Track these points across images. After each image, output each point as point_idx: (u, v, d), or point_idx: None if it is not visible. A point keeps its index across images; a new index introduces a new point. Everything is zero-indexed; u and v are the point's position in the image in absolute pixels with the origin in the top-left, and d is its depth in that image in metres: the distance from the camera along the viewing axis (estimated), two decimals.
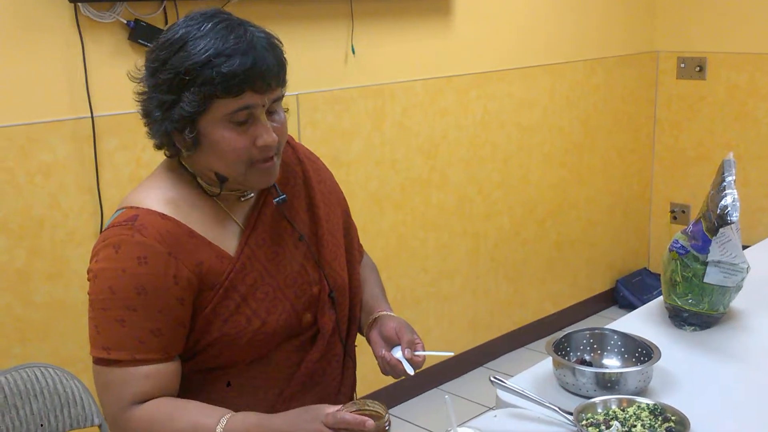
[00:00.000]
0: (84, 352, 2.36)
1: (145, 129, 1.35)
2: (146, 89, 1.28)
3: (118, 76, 2.33)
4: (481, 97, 3.35)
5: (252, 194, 1.40)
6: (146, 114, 1.29)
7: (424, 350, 1.43)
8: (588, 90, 3.81)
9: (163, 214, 1.28)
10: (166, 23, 2.39)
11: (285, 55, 1.31)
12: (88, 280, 1.30)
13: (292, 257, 1.40)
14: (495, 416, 1.53)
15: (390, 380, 3.19)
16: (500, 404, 1.56)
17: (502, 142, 3.47)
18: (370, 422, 1.17)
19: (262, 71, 1.23)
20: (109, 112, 2.33)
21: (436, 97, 3.18)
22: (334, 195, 1.55)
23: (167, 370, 1.28)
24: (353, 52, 2.87)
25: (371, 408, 1.24)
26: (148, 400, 1.27)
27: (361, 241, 1.67)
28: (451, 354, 1.51)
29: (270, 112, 1.30)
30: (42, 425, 1.76)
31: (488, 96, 3.37)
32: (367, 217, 3.02)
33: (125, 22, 2.30)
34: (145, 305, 1.25)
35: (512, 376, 1.64)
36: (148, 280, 1.24)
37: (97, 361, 1.28)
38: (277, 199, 1.40)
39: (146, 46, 2.34)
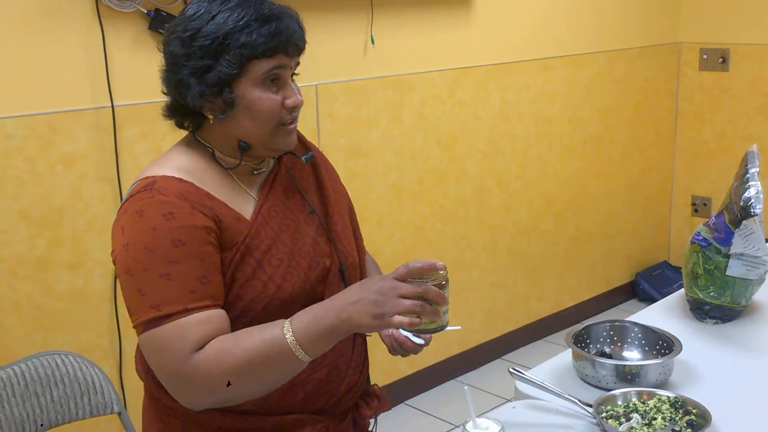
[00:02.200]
0: (104, 340, 2.39)
1: (166, 106, 1.39)
2: (174, 59, 1.32)
3: (138, 65, 2.34)
4: (500, 89, 3.33)
5: (264, 169, 1.44)
6: (177, 83, 1.33)
7: None
8: (608, 81, 3.78)
9: (180, 179, 1.32)
10: None
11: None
12: (116, 257, 1.29)
13: (304, 230, 1.43)
14: (514, 407, 1.52)
15: (408, 371, 3.20)
16: (519, 396, 1.56)
17: (520, 134, 3.45)
18: (440, 263, 1.23)
19: (294, 35, 1.34)
20: (129, 101, 2.34)
21: (455, 88, 3.17)
22: (341, 189, 1.59)
23: (220, 316, 1.28)
24: (372, 43, 2.86)
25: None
26: (206, 340, 1.26)
27: (378, 233, 1.68)
28: (458, 328, 1.52)
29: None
30: (42, 425, 1.77)
31: (507, 87, 3.35)
32: (385, 209, 3.02)
33: (145, 11, 2.31)
34: (185, 255, 1.26)
35: (531, 368, 1.63)
36: (182, 232, 1.26)
37: (147, 325, 1.25)
38: (306, 156, 1.46)
39: None
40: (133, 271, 1.26)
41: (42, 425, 1.77)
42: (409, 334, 1.44)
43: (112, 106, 2.30)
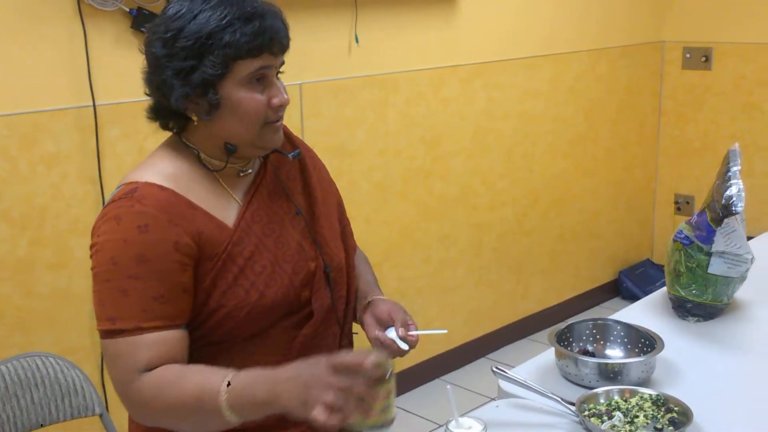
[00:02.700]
0: (86, 341, 2.37)
1: (150, 108, 1.37)
2: (156, 61, 1.30)
3: (120, 64, 2.33)
4: (485, 87, 3.33)
5: (250, 170, 1.42)
6: (160, 85, 1.31)
7: (417, 330, 1.46)
8: (592, 80, 3.80)
9: (162, 186, 1.31)
10: None
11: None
12: (91, 256, 1.31)
13: (289, 234, 1.42)
14: (497, 406, 1.52)
15: (396, 370, 3.19)
16: (502, 395, 1.56)
17: (505, 132, 3.46)
18: (369, 360, 1.12)
19: (278, 34, 1.32)
20: (111, 100, 2.33)
21: (440, 86, 3.17)
22: (329, 185, 1.57)
23: (173, 337, 1.28)
24: (357, 42, 2.86)
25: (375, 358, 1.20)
26: (156, 368, 1.27)
27: (364, 231, 1.68)
28: (445, 331, 1.53)
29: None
30: (42, 425, 1.76)
31: (492, 86, 3.36)
32: (371, 207, 3.01)
33: (128, 10, 2.29)
34: (147, 273, 1.26)
35: (514, 367, 1.63)
36: (149, 248, 1.26)
37: (104, 334, 1.28)
38: (293, 153, 1.44)
39: None
40: (97, 278, 1.29)
41: (35, 425, 1.75)
42: (396, 338, 1.43)
43: (94, 106, 2.29)
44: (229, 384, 1.20)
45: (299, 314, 1.42)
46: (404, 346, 1.43)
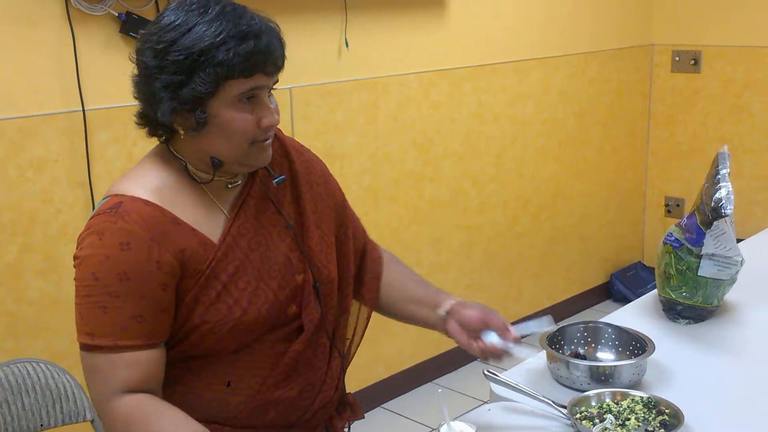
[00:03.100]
0: (76, 347, 2.35)
1: (139, 114, 1.35)
2: (146, 71, 1.27)
3: (109, 69, 2.32)
4: (475, 91, 3.34)
5: (239, 182, 1.40)
6: (149, 96, 1.28)
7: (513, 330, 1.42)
8: (582, 83, 3.81)
9: (147, 201, 1.29)
10: None
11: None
12: (74, 267, 1.31)
13: (276, 247, 1.40)
14: (489, 410, 1.53)
15: (384, 374, 3.19)
16: (494, 398, 1.56)
17: (496, 136, 3.47)
18: None
19: (273, 54, 1.28)
20: (100, 105, 2.32)
21: (430, 90, 3.17)
22: (325, 187, 1.53)
23: (151, 357, 1.29)
24: (347, 46, 2.86)
25: None
26: (132, 389, 1.27)
27: None
28: (553, 328, 1.47)
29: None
30: (42, 425, 1.75)
31: (482, 89, 3.36)
32: (361, 211, 2.99)
33: (116, 14, 2.29)
34: (127, 291, 1.25)
35: (506, 370, 1.63)
36: (131, 266, 1.25)
37: (82, 347, 1.30)
38: (277, 179, 1.40)
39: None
40: (78, 291, 1.29)
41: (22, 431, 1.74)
42: (504, 344, 1.38)
43: (83, 110, 2.28)
44: None
45: (287, 328, 1.40)
46: (521, 354, 1.39)
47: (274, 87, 1.34)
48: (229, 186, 1.39)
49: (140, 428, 1.25)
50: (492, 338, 1.41)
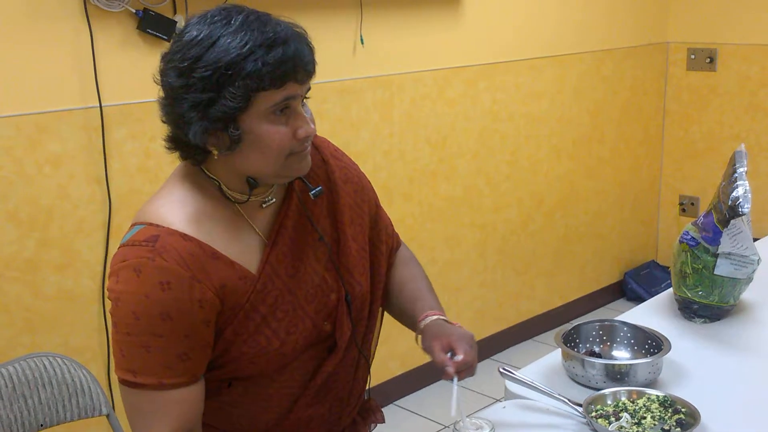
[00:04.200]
0: (93, 341, 2.38)
1: (168, 138, 1.29)
2: (172, 92, 1.21)
3: (126, 65, 2.33)
4: (490, 88, 3.33)
5: (273, 200, 1.35)
6: (177, 118, 1.22)
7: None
8: (596, 81, 3.80)
9: (185, 234, 1.23)
10: (175, 13, 2.38)
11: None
12: (110, 299, 1.25)
13: (312, 268, 1.35)
14: (504, 407, 1.53)
15: (397, 371, 3.20)
16: (509, 396, 1.56)
17: (510, 134, 3.46)
18: None
19: (303, 60, 1.22)
20: (117, 101, 2.33)
21: (445, 87, 3.17)
22: (361, 193, 1.48)
23: (194, 393, 1.25)
24: (362, 43, 2.86)
25: None
26: (177, 428, 1.24)
27: None
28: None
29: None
30: (42, 425, 1.76)
31: (496, 87, 3.36)
32: None
33: (134, 11, 2.30)
34: (170, 331, 1.21)
35: (520, 368, 1.63)
36: (173, 306, 1.20)
37: (124, 383, 1.25)
38: (314, 191, 1.33)
39: (155, 35, 2.33)
40: (118, 328, 1.24)
41: (36, 425, 1.76)
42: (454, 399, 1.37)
43: (101, 107, 2.29)
44: None
45: (318, 347, 1.38)
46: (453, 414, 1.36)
47: (306, 96, 1.28)
48: (264, 206, 1.33)
49: None
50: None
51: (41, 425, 1.77)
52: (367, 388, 1.54)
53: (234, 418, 1.36)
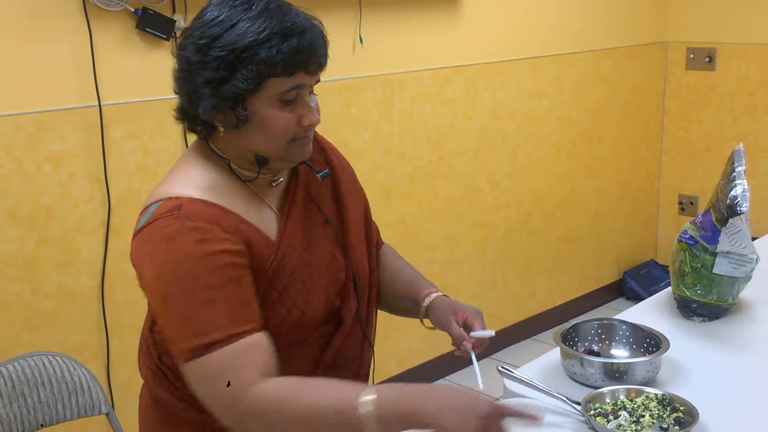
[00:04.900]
0: (93, 340, 2.38)
1: (178, 109, 1.32)
2: (188, 66, 1.25)
3: (126, 64, 2.33)
4: (490, 87, 3.34)
5: (281, 179, 1.39)
6: (190, 91, 1.26)
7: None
8: (596, 80, 3.80)
9: (207, 201, 1.26)
10: (174, 12, 2.39)
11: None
12: (147, 287, 1.25)
13: (322, 245, 1.40)
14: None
15: (396, 370, 3.20)
16: (508, 394, 1.56)
17: (510, 133, 3.46)
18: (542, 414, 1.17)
19: (316, 53, 1.27)
20: (116, 100, 2.33)
21: (445, 86, 3.17)
22: (356, 183, 1.54)
23: (263, 339, 1.24)
24: (361, 42, 2.86)
25: None
26: (264, 376, 1.21)
27: None
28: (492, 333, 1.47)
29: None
30: (42, 425, 1.76)
31: (496, 86, 3.36)
32: (375, 207, 2.98)
33: (133, 10, 2.30)
34: (225, 280, 1.21)
35: (519, 367, 1.63)
36: (216, 257, 1.21)
37: (193, 353, 1.20)
38: (321, 173, 1.40)
39: (154, 34, 2.34)
40: (171, 300, 1.22)
41: (36, 424, 1.76)
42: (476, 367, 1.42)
43: (100, 105, 2.30)
44: (372, 399, 1.15)
45: (330, 323, 1.41)
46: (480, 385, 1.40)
47: (314, 88, 1.32)
48: (273, 184, 1.37)
49: (300, 402, 1.18)
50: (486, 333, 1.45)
51: (41, 424, 1.77)
52: (371, 374, 1.56)
53: None
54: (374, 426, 1.15)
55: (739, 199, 1.69)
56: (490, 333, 1.45)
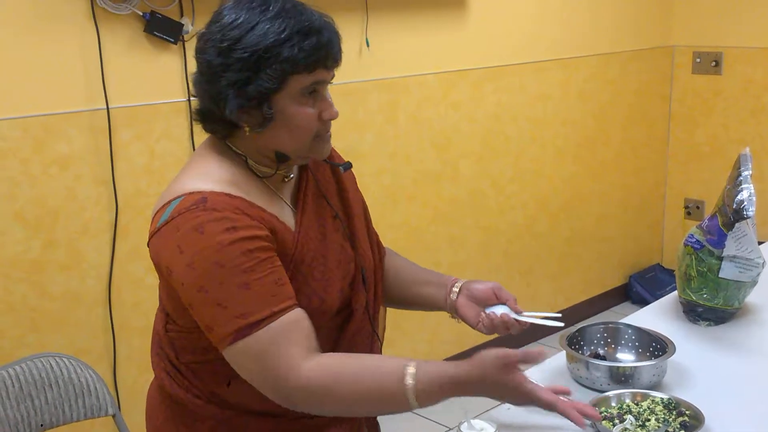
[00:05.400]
0: (99, 342, 2.39)
1: (198, 111, 1.35)
2: (210, 69, 1.28)
3: (133, 68, 2.34)
4: (495, 91, 3.34)
5: (292, 175, 1.43)
6: (214, 94, 1.29)
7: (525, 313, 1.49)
8: (601, 84, 3.80)
9: (230, 194, 1.29)
10: (182, 16, 2.40)
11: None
12: (178, 278, 1.26)
13: (333, 238, 1.44)
14: (508, 409, 1.53)
15: None
16: None
17: (515, 136, 3.46)
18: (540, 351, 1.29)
19: (333, 49, 1.32)
20: (124, 103, 2.34)
21: (450, 90, 3.18)
22: (356, 187, 1.58)
23: (303, 314, 1.28)
24: (367, 45, 2.87)
25: None
26: (309, 351, 1.26)
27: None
28: (562, 324, 1.50)
29: None
30: (42, 425, 1.77)
31: (501, 90, 3.36)
32: (380, 210, 3.02)
33: (141, 14, 2.31)
34: (258, 263, 1.25)
35: (525, 370, 1.63)
36: (247, 242, 1.25)
37: (237, 335, 1.23)
38: (343, 164, 1.46)
39: (162, 38, 2.35)
40: (208, 287, 1.24)
41: (42, 425, 1.77)
42: (513, 314, 1.46)
43: (108, 108, 2.31)
44: (414, 374, 1.25)
45: (342, 314, 1.44)
46: (557, 323, 1.48)
47: (330, 83, 1.37)
48: (285, 180, 1.41)
49: (349, 384, 1.26)
50: (496, 309, 1.47)
51: (48, 425, 1.78)
52: None
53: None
54: (413, 402, 1.25)
55: (745, 203, 1.69)
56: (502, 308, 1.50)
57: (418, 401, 1.25)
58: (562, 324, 1.50)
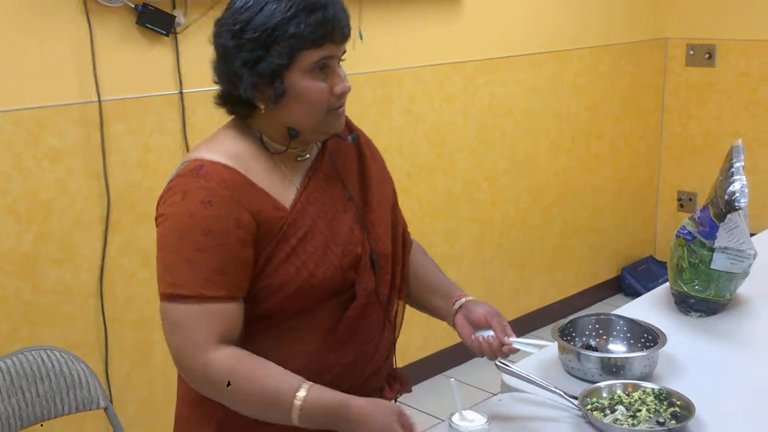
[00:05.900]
0: (91, 335, 2.39)
1: (219, 95, 1.42)
2: (225, 51, 1.36)
3: (125, 60, 2.33)
4: (489, 84, 3.34)
5: (308, 155, 1.47)
6: (230, 75, 1.37)
7: (515, 337, 1.47)
8: (595, 77, 3.80)
9: (226, 165, 1.36)
10: (174, 8, 2.39)
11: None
12: (157, 224, 1.37)
13: (341, 218, 1.47)
14: (500, 400, 1.53)
15: (403, 364, 3.19)
16: (505, 389, 1.57)
17: (509, 129, 3.46)
18: None
19: (340, 23, 1.38)
20: (116, 96, 2.34)
21: (444, 83, 3.18)
22: (384, 175, 1.61)
23: (232, 311, 1.35)
24: (361, 38, 2.86)
25: None
26: (221, 342, 1.33)
27: None
28: (548, 344, 1.48)
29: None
30: (41, 425, 1.77)
31: (496, 82, 3.36)
32: None
33: (133, 6, 2.30)
34: (211, 246, 1.32)
35: (517, 362, 1.64)
36: (213, 222, 1.33)
37: (165, 298, 1.34)
38: (351, 135, 1.50)
39: (154, 30, 2.34)
40: (163, 247, 1.35)
41: (34, 418, 1.76)
42: (521, 345, 1.44)
43: (99, 101, 2.30)
44: (304, 394, 1.30)
45: (344, 296, 1.46)
46: (533, 350, 1.45)
47: (342, 58, 1.42)
48: (299, 159, 1.46)
49: (245, 380, 1.31)
50: (489, 333, 1.46)
51: (39, 418, 1.78)
52: (393, 354, 1.60)
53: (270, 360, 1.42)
54: (296, 419, 1.29)
55: (737, 194, 1.69)
56: (489, 332, 1.47)
57: (300, 412, 1.29)
58: (548, 344, 1.51)
